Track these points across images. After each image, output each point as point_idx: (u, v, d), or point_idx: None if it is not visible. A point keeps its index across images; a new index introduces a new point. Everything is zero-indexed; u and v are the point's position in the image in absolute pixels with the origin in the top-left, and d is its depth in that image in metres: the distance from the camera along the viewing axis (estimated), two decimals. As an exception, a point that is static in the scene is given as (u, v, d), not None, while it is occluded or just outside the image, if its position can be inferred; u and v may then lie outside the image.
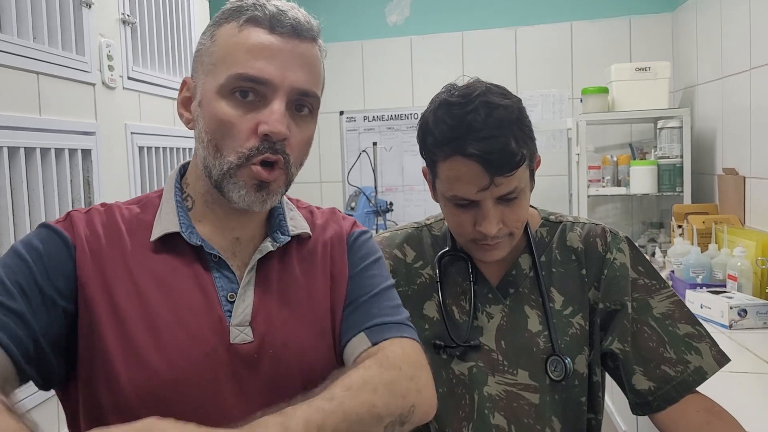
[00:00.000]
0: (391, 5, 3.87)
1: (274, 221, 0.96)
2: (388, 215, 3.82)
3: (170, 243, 0.88)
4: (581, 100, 3.18)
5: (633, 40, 3.54)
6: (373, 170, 3.81)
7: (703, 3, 2.98)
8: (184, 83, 0.91)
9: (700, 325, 1.06)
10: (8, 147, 1.56)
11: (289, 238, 0.94)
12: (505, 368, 1.08)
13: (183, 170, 0.98)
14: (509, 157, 0.96)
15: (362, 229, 1.04)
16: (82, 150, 1.84)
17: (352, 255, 1.00)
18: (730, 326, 1.87)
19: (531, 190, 1.09)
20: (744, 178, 2.49)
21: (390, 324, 0.93)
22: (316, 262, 0.97)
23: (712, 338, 1.06)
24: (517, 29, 3.70)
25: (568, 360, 1.05)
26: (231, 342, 0.86)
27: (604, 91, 3.08)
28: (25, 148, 1.61)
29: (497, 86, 1.03)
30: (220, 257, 0.89)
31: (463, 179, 0.99)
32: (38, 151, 1.66)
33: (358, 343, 0.91)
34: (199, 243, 0.88)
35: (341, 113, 3.96)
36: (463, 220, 1.04)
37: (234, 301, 0.88)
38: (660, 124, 3.03)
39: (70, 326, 0.83)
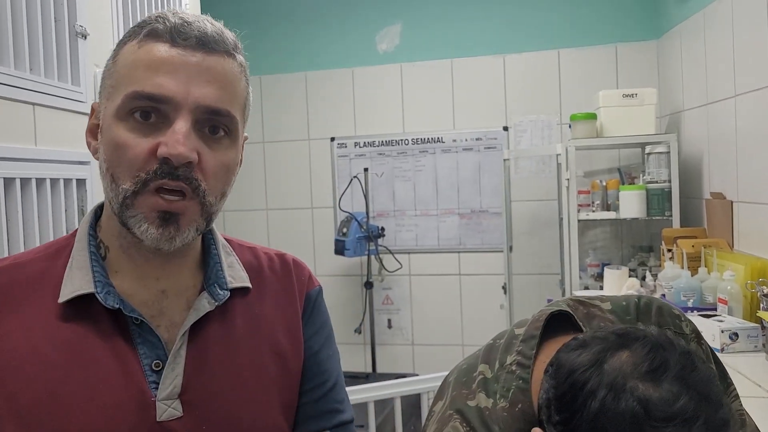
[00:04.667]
0: (382, 33, 3.92)
1: (209, 271, 0.84)
2: (379, 240, 3.83)
3: (82, 303, 0.76)
4: (570, 126, 3.22)
5: (619, 67, 3.60)
6: (365, 196, 3.83)
7: (688, 31, 3.04)
8: (92, 110, 0.81)
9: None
10: (4, 178, 1.56)
11: (229, 294, 0.83)
12: None
13: (99, 212, 0.84)
14: None
15: (317, 287, 0.95)
16: (76, 179, 1.84)
17: (309, 326, 0.91)
18: (722, 350, 1.89)
19: None
20: (731, 202, 2.53)
21: (349, 424, 0.92)
22: (263, 319, 0.86)
23: None
24: (506, 56, 3.76)
25: None
26: (158, 419, 0.74)
27: (593, 117, 3.13)
28: (20, 178, 1.61)
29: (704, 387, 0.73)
30: (142, 320, 0.77)
31: None
32: (34, 181, 1.66)
33: None
34: (117, 306, 0.76)
35: (332, 139, 3.99)
36: None
37: (160, 371, 0.76)
38: (648, 149, 3.08)
39: None
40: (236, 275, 0.86)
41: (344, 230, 3.65)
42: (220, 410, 0.78)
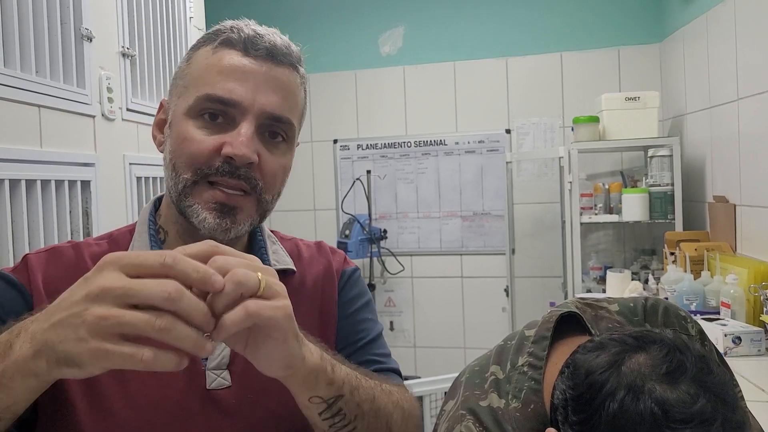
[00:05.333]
0: (385, 36, 3.93)
1: (255, 255, 0.88)
2: (381, 242, 3.84)
3: None
4: (572, 129, 3.22)
5: (622, 71, 3.61)
6: (367, 198, 3.84)
7: (691, 34, 3.05)
8: (161, 105, 0.89)
9: None
10: (10, 179, 1.57)
11: None
12: None
13: (158, 203, 0.93)
14: None
15: (353, 267, 1.01)
16: (81, 181, 1.85)
17: (344, 295, 0.96)
18: (725, 354, 1.88)
19: None
20: (734, 205, 2.53)
21: (389, 371, 0.93)
22: (303, 300, 0.91)
23: None
24: (508, 59, 3.76)
25: None
26: (207, 387, 0.80)
27: (595, 120, 3.13)
28: (26, 180, 1.62)
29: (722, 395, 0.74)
30: None
31: None
32: (39, 182, 1.67)
33: None
34: None
35: (335, 141, 3.99)
36: None
37: None
38: (650, 152, 3.08)
39: None
40: (280, 259, 0.92)
41: (346, 232, 3.66)
42: (262, 381, 0.81)
